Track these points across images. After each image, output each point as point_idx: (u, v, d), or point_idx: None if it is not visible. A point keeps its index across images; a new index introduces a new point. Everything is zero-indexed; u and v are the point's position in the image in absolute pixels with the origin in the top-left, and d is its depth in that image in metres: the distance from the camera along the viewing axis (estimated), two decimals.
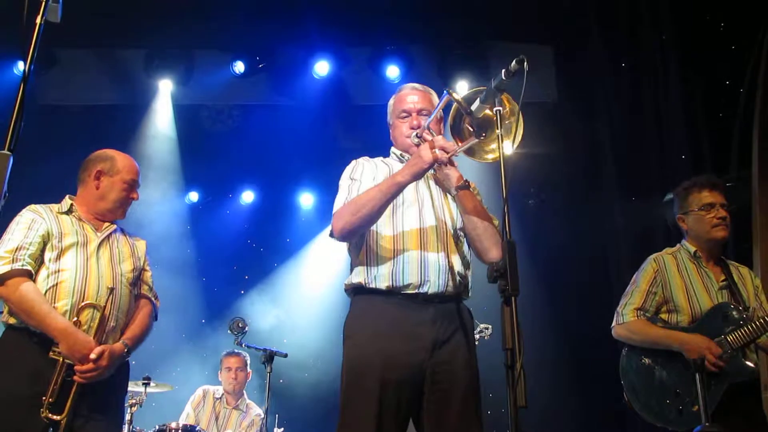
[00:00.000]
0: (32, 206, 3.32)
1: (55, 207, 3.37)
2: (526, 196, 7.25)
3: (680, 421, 3.44)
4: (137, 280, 3.46)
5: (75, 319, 3.12)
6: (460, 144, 2.73)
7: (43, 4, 2.16)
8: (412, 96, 3.12)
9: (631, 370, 3.68)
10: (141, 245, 3.56)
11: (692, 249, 3.72)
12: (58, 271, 3.18)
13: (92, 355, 3.04)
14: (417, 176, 2.75)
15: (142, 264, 3.49)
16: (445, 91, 2.67)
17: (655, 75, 6.11)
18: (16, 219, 3.25)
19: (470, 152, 2.73)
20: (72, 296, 3.15)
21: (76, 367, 3.04)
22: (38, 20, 2.14)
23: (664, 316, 3.68)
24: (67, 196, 3.45)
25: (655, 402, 3.55)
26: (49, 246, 3.21)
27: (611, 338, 6.17)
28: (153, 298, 3.51)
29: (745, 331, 3.39)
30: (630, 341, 3.70)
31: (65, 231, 3.27)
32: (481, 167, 5.77)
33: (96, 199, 3.43)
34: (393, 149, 3.18)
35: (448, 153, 2.71)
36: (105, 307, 3.17)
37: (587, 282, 6.57)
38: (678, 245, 3.80)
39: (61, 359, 3.05)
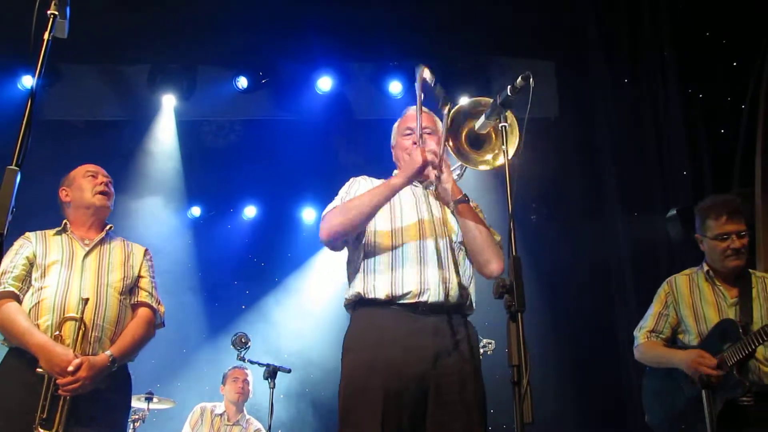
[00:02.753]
0: (26, 234, 3.41)
1: (51, 231, 3.43)
2: (528, 211, 7.25)
3: None
4: (132, 288, 3.46)
5: (57, 333, 3.13)
6: (451, 147, 2.80)
7: (51, 20, 2.17)
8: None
9: (648, 391, 3.76)
10: (138, 252, 3.56)
11: (706, 268, 3.72)
12: (41, 288, 3.24)
13: (70, 368, 3.03)
14: (411, 178, 2.84)
15: (136, 272, 3.48)
16: (417, 67, 2.72)
17: (656, 91, 6.12)
18: (10, 249, 3.33)
19: (465, 159, 2.80)
20: (53, 311, 3.18)
21: (57, 381, 3.04)
22: (46, 36, 2.15)
23: (681, 336, 3.71)
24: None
25: (667, 421, 3.60)
26: (35, 267, 3.28)
27: (613, 353, 6.19)
28: (154, 304, 3.49)
29: (739, 345, 3.36)
30: (644, 362, 3.78)
31: (51, 250, 3.33)
32: (483, 183, 5.82)
33: (74, 209, 3.49)
34: (395, 171, 3.20)
35: (436, 156, 2.81)
36: (82, 318, 3.17)
37: (589, 297, 6.56)
38: (701, 264, 3.79)
39: (47, 375, 3.06)
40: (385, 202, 2.85)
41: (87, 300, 3.21)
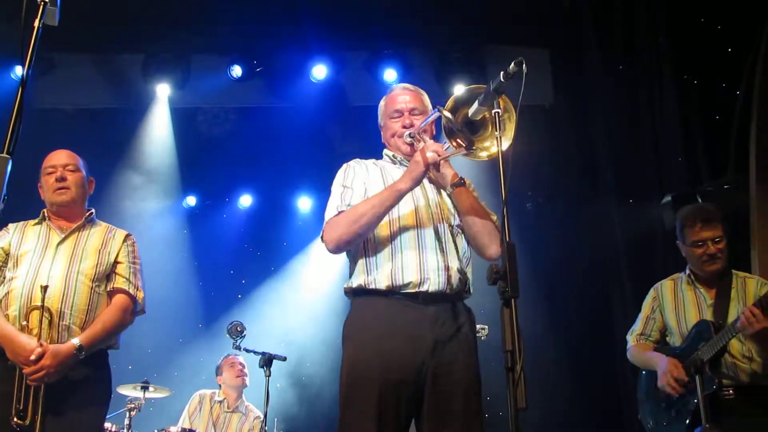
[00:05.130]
0: (7, 225, 3.40)
1: (32, 221, 3.42)
2: (523, 199, 7.25)
3: None
4: (109, 275, 3.40)
5: (24, 323, 3.11)
6: (454, 145, 2.75)
7: (41, 7, 2.15)
8: (403, 96, 3.14)
9: (641, 388, 3.97)
10: (119, 237, 3.49)
11: (688, 272, 3.87)
12: (12, 278, 3.23)
13: (32, 357, 3.01)
14: (417, 182, 2.79)
15: (112, 258, 3.41)
16: (435, 109, 2.76)
17: (651, 78, 6.12)
18: None
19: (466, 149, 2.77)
20: (20, 301, 3.16)
21: (23, 370, 3.03)
22: (36, 24, 2.13)
23: (668, 338, 3.90)
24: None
25: (653, 418, 3.80)
26: (9, 257, 3.28)
27: (608, 341, 6.22)
28: (131, 290, 3.41)
29: (711, 343, 3.50)
30: (634, 363, 3.99)
31: (26, 239, 3.32)
32: (479, 170, 5.81)
33: (47, 204, 3.47)
34: (385, 151, 3.19)
35: (439, 156, 2.76)
36: (44, 306, 3.13)
37: (585, 285, 6.57)
38: (685, 269, 3.92)
39: (17, 365, 3.06)
40: (392, 208, 2.81)
41: (46, 288, 3.15)
